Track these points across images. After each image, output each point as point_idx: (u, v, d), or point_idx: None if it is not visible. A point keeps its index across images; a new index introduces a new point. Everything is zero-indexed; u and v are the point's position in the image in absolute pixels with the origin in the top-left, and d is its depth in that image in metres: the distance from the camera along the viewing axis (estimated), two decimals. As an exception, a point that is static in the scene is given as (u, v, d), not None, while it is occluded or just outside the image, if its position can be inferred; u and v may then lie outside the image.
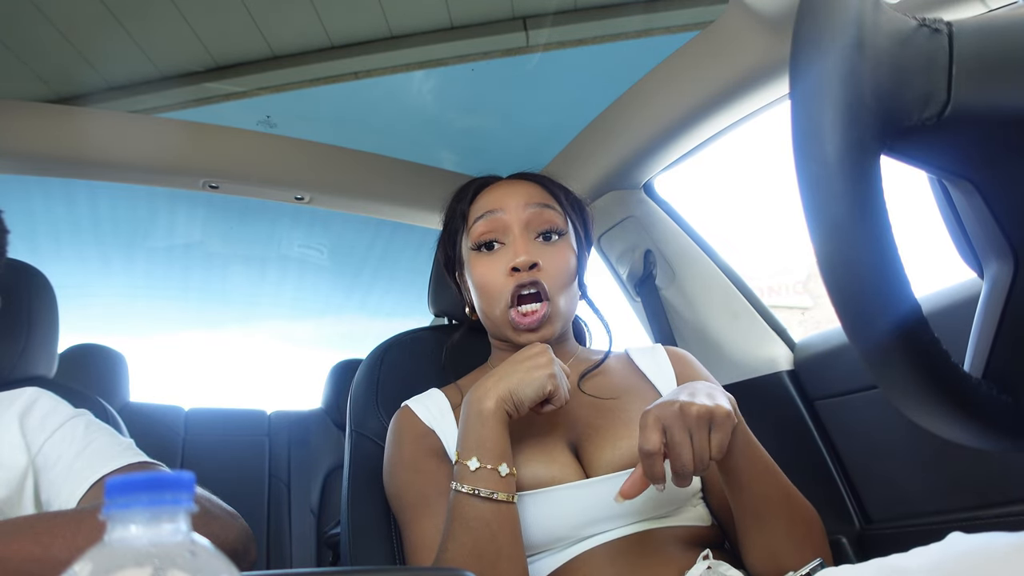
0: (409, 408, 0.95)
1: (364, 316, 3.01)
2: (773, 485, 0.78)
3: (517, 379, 0.80)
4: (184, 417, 2.24)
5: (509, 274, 0.91)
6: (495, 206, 0.95)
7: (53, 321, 1.11)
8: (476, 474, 0.76)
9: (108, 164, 1.37)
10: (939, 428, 0.44)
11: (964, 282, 0.96)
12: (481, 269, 0.94)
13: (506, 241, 0.94)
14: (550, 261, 0.92)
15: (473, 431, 0.79)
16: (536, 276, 0.90)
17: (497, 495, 0.75)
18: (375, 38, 1.41)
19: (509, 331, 0.93)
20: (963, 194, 0.47)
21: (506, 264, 0.91)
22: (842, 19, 0.39)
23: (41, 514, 0.67)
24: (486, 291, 0.94)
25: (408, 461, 0.89)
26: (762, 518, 0.78)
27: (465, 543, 0.74)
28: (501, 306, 0.92)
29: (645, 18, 1.41)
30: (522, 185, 0.98)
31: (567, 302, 0.94)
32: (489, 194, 0.98)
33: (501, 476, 0.76)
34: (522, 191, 0.96)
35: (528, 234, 0.94)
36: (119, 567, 0.27)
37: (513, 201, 0.95)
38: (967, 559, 0.48)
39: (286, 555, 2.12)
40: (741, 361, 1.34)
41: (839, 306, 0.40)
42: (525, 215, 0.94)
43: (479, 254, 0.95)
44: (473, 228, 0.96)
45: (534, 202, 0.95)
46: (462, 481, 0.77)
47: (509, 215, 0.94)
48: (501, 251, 0.94)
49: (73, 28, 1.27)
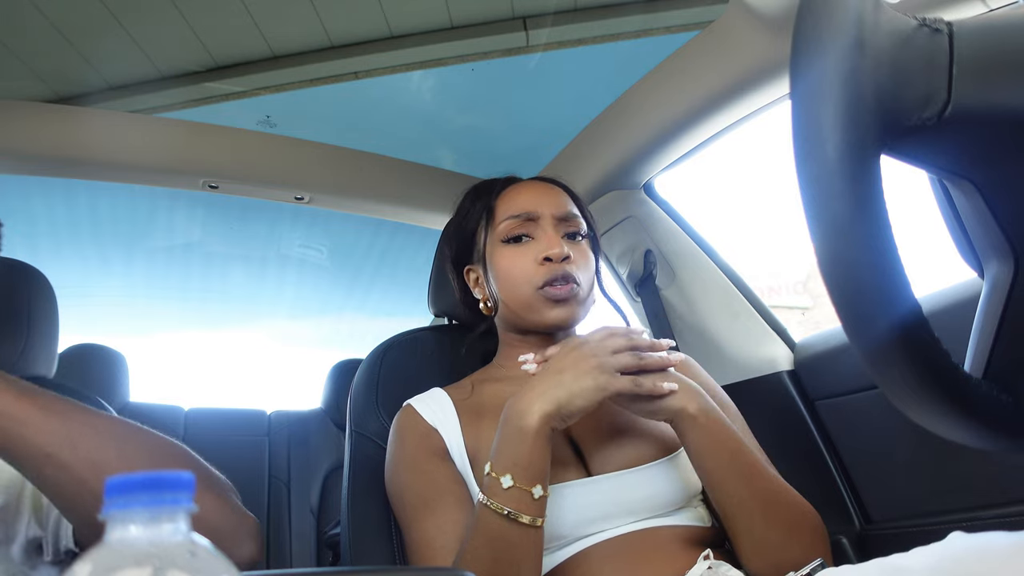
0: (412, 407, 0.95)
1: (364, 316, 3.01)
2: (751, 486, 0.78)
3: (566, 390, 0.75)
4: (184, 417, 2.24)
5: (541, 263, 0.93)
6: (529, 208, 0.97)
7: (53, 321, 1.11)
8: (508, 493, 0.72)
9: (108, 164, 1.37)
10: (939, 428, 0.44)
11: (964, 282, 0.96)
12: (509, 260, 0.96)
13: (536, 236, 0.96)
14: (579, 256, 0.96)
15: (510, 446, 0.74)
16: (568, 268, 0.93)
17: (524, 518, 0.72)
18: (375, 38, 1.41)
19: (537, 310, 0.94)
20: (963, 194, 0.47)
21: (537, 254, 0.94)
22: (842, 19, 0.39)
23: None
24: (514, 277, 0.95)
25: (410, 461, 0.89)
26: (739, 518, 0.78)
27: (484, 559, 0.72)
28: (531, 288, 0.93)
29: (645, 18, 1.41)
30: (553, 189, 1.02)
31: (590, 295, 0.98)
32: (520, 193, 1.00)
33: (534, 499, 0.72)
34: (555, 196, 1.00)
35: (557, 233, 0.97)
36: (119, 567, 0.27)
37: (547, 203, 0.98)
38: (968, 559, 0.48)
39: (286, 555, 2.12)
40: (741, 361, 1.34)
41: (839, 306, 0.40)
42: (557, 217, 0.97)
43: (508, 246, 0.97)
44: (502, 225, 0.98)
45: (565, 208, 0.98)
46: (492, 496, 0.73)
47: (544, 218, 0.97)
48: (531, 244, 0.96)
49: (73, 28, 1.27)
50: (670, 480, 0.84)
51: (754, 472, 0.79)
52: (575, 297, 0.93)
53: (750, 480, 0.79)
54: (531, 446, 0.73)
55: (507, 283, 0.96)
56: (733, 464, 0.78)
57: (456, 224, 1.06)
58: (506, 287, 0.96)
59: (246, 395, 4.48)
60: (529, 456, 0.73)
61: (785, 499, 0.80)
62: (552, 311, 0.93)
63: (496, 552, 0.72)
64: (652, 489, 0.83)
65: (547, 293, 0.92)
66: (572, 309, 0.93)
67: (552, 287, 0.92)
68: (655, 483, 0.84)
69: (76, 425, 0.61)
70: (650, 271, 1.47)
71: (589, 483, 0.83)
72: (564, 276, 0.92)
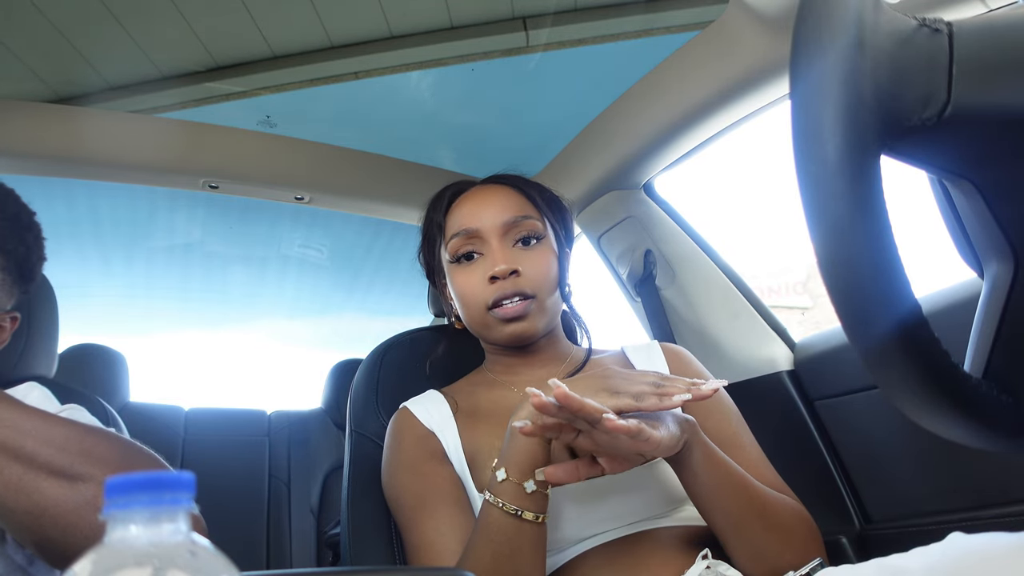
0: (408, 410, 0.95)
1: (364, 316, 3.01)
2: (743, 501, 0.76)
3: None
4: (184, 417, 2.24)
5: (489, 283, 0.91)
6: (469, 223, 0.94)
7: (53, 321, 1.12)
8: (502, 486, 0.73)
9: (108, 164, 1.37)
10: (939, 428, 0.44)
11: (964, 282, 0.96)
12: (461, 280, 0.94)
13: (484, 251, 0.94)
14: (530, 265, 0.92)
15: (507, 442, 0.75)
16: (518, 284, 0.90)
17: (523, 513, 0.71)
18: (375, 38, 1.41)
19: (492, 328, 0.92)
20: (963, 194, 0.47)
21: (485, 273, 0.91)
22: (842, 19, 0.39)
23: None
24: (466, 300, 0.94)
25: (408, 463, 0.89)
26: (737, 532, 0.77)
27: (485, 553, 0.73)
28: (482, 308, 0.92)
29: (645, 18, 1.41)
30: (496, 194, 0.97)
31: (552, 299, 0.94)
32: (463, 207, 0.98)
33: (527, 493, 0.72)
34: (496, 202, 0.96)
35: (506, 242, 0.94)
36: (119, 567, 0.27)
37: (488, 214, 0.94)
38: (968, 559, 0.48)
39: (286, 555, 2.12)
40: (741, 361, 1.34)
41: (839, 306, 0.40)
42: (500, 227, 0.93)
43: (458, 265, 0.95)
44: (450, 243, 0.96)
45: (509, 215, 0.94)
46: (491, 490, 0.74)
47: (485, 230, 0.93)
48: (480, 261, 0.94)
49: (73, 28, 1.27)
50: (665, 481, 0.84)
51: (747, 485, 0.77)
52: (529, 313, 0.91)
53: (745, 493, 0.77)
54: (522, 441, 0.73)
55: (461, 302, 0.95)
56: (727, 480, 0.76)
57: (423, 237, 1.05)
58: (461, 306, 0.96)
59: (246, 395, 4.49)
60: (521, 450, 0.73)
61: (774, 506, 0.79)
62: (506, 328, 0.91)
63: (495, 545, 0.72)
64: (647, 491, 0.83)
65: (497, 314, 0.91)
66: (527, 323, 0.91)
67: (501, 308, 0.90)
68: (649, 484, 0.83)
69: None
70: (650, 271, 1.47)
71: (586, 486, 0.82)
72: (514, 293, 0.90)
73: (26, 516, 0.59)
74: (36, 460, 0.60)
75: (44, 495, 0.59)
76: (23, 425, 0.61)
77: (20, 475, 0.59)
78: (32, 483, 0.59)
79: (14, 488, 0.59)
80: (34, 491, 0.59)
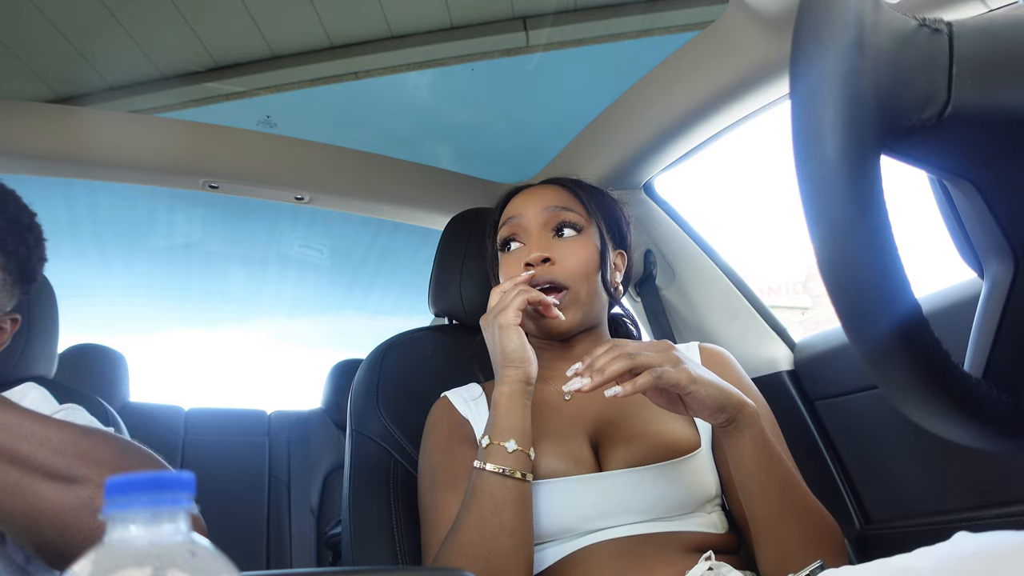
0: (447, 399, 0.99)
1: (364, 316, 3.01)
2: (788, 497, 0.77)
3: (499, 351, 0.84)
4: (184, 417, 2.24)
5: (524, 270, 0.93)
6: (515, 212, 1.00)
7: (53, 321, 1.11)
8: (487, 450, 0.80)
9: (108, 164, 1.37)
10: (939, 428, 0.44)
11: (964, 282, 0.96)
12: (504, 268, 0.99)
13: (525, 241, 0.98)
14: (565, 255, 0.94)
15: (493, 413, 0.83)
16: (551, 272, 0.92)
17: (505, 470, 0.78)
18: (375, 38, 1.41)
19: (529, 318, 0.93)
20: (963, 194, 0.47)
21: (521, 260, 0.95)
22: (842, 19, 0.39)
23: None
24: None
25: (441, 444, 0.92)
26: (773, 528, 0.77)
27: (471, 512, 0.78)
28: None
29: (645, 18, 1.41)
30: (544, 190, 1.02)
31: (589, 293, 0.94)
32: (514, 200, 1.03)
33: (508, 452, 0.79)
34: (542, 196, 1.01)
35: (545, 233, 0.97)
36: (119, 567, 0.27)
37: (532, 205, 0.99)
38: (975, 559, 0.47)
39: (286, 555, 2.12)
40: (741, 361, 1.33)
41: (839, 306, 0.40)
42: (542, 217, 0.97)
43: (503, 254, 1.01)
44: (499, 232, 1.02)
45: (551, 205, 0.98)
46: (479, 457, 0.81)
47: (528, 219, 0.98)
48: (520, 250, 0.98)
49: (73, 28, 1.27)
50: (681, 482, 0.84)
51: (795, 483, 0.78)
52: (560, 305, 0.91)
53: (792, 491, 0.77)
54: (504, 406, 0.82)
55: None
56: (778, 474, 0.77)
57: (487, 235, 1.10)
58: None
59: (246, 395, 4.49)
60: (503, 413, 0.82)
61: (814, 510, 0.79)
62: (540, 320, 0.92)
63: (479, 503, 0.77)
64: (661, 489, 0.83)
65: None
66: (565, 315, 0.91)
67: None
68: (664, 483, 0.83)
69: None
70: (650, 271, 1.47)
71: (598, 478, 0.83)
72: (546, 281, 0.91)
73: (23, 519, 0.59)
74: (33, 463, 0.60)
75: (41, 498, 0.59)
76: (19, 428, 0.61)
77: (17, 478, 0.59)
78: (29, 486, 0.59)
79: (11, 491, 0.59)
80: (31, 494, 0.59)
